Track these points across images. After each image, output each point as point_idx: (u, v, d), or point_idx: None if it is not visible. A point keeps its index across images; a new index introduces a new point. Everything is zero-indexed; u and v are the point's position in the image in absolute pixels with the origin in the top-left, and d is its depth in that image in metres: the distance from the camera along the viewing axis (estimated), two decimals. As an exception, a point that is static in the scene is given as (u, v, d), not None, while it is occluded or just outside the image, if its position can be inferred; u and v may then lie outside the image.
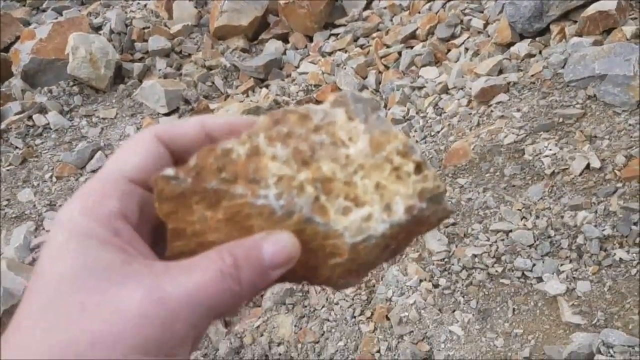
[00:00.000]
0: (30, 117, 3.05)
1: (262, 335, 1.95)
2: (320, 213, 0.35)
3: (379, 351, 1.77)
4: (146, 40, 3.39)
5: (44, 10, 3.88)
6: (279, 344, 1.91)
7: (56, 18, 3.55)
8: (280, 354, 1.88)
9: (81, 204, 0.32)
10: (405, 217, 0.35)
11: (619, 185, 1.88)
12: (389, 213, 0.35)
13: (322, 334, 1.88)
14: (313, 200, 0.34)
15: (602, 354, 1.52)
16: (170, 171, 0.33)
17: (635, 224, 1.77)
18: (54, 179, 2.79)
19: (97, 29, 3.42)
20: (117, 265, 0.30)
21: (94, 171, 2.77)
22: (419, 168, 0.36)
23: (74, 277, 0.29)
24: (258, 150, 0.35)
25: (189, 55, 3.38)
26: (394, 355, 1.74)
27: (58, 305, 0.28)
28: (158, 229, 0.36)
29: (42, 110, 3.09)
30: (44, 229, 2.56)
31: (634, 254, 1.72)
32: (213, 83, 3.21)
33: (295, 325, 1.94)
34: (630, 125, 2.06)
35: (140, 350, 0.28)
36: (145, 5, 3.64)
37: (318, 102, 2.87)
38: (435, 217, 0.37)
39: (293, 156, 0.35)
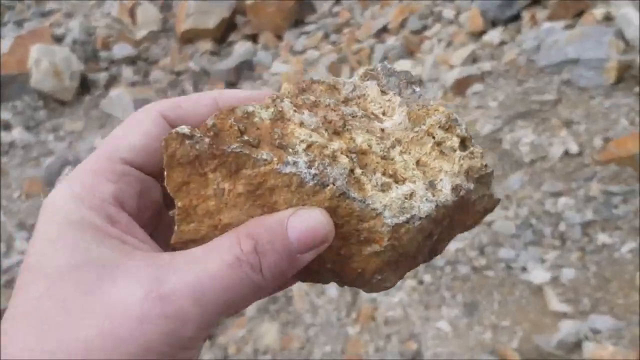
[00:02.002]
0: (-6, 135, 2.95)
1: (246, 344, 1.90)
2: (356, 187, 0.29)
3: (366, 352, 1.74)
4: (111, 49, 3.31)
5: (4, 24, 3.77)
6: (264, 353, 1.87)
7: (17, 31, 3.45)
8: (266, 363, 1.83)
9: (72, 188, 0.28)
10: (452, 197, 0.30)
11: (598, 169, 1.87)
12: (434, 192, 0.30)
13: (308, 339, 1.84)
14: (348, 173, 0.29)
15: (589, 340, 1.51)
16: (184, 128, 0.28)
17: (616, 207, 1.76)
18: (23, 198, 2.70)
19: (59, 39, 3.33)
20: (118, 260, 0.26)
21: (63, 187, 2.69)
22: (464, 144, 0.32)
23: (68, 275, 0.25)
24: (283, 115, 0.30)
25: (156, 61, 3.31)
26: (382, 355, 1.70)
27: (49, 308, 0.24)
28: (158, 219, 0.30)
29: (7, 127, 3.00)
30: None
31: (617, 238, 1.71)
32: (183, 89, 3.15)
33: (280, 332, 1.89)
34: (606, 108, 2.05)
35: (141, 356, 0.24)
36: (108, 13, 3.56)
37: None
38: (481, 205, 0.33)
39: (323, 124, 0.30)
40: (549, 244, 1.77)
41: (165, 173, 0.29)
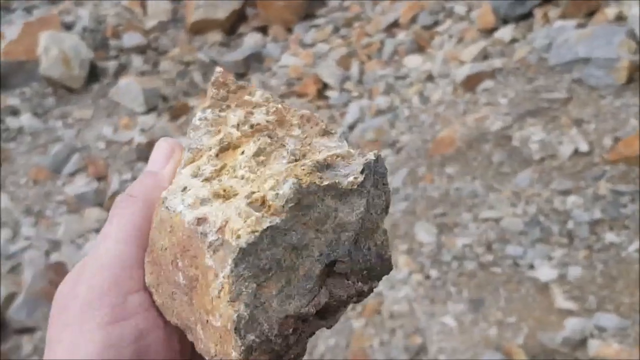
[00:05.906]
0: (2, 121, 2.95)
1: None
2: None
3: (371, 346, 1.74)
4: (120, 37, 3.31)
5: (13, 11, 3.76)
6: (269, 344, 1.88)
7: (26, 18, 3.45)
8: (270, 354, 1.84)
9: (127, 229, 0.32)
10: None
11: (607, 168, 1.87)
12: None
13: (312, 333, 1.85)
14: None
15: (595, 338, 1.51)
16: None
17: (624, 206, 1.76)
18: (30, 184, 2.70)
19: (68, 27, 3.32)
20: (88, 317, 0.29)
21: (71, 174, 2.69)
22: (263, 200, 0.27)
23: (67, 303, 0.30)
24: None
25: (166, 51, 3.30)
26: (387, 349, 1.70)
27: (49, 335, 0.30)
28: None
29: (15, 112, 3.00)
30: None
31: (624, 237, 1.71)
32: (191, 79, 3.15)
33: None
34: (615, 107, 2.05)
35: None
36: (118, 2, 3.55)
37: (300, 95, 2.83)
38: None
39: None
40: (556, 241, 1.77)
41: None
